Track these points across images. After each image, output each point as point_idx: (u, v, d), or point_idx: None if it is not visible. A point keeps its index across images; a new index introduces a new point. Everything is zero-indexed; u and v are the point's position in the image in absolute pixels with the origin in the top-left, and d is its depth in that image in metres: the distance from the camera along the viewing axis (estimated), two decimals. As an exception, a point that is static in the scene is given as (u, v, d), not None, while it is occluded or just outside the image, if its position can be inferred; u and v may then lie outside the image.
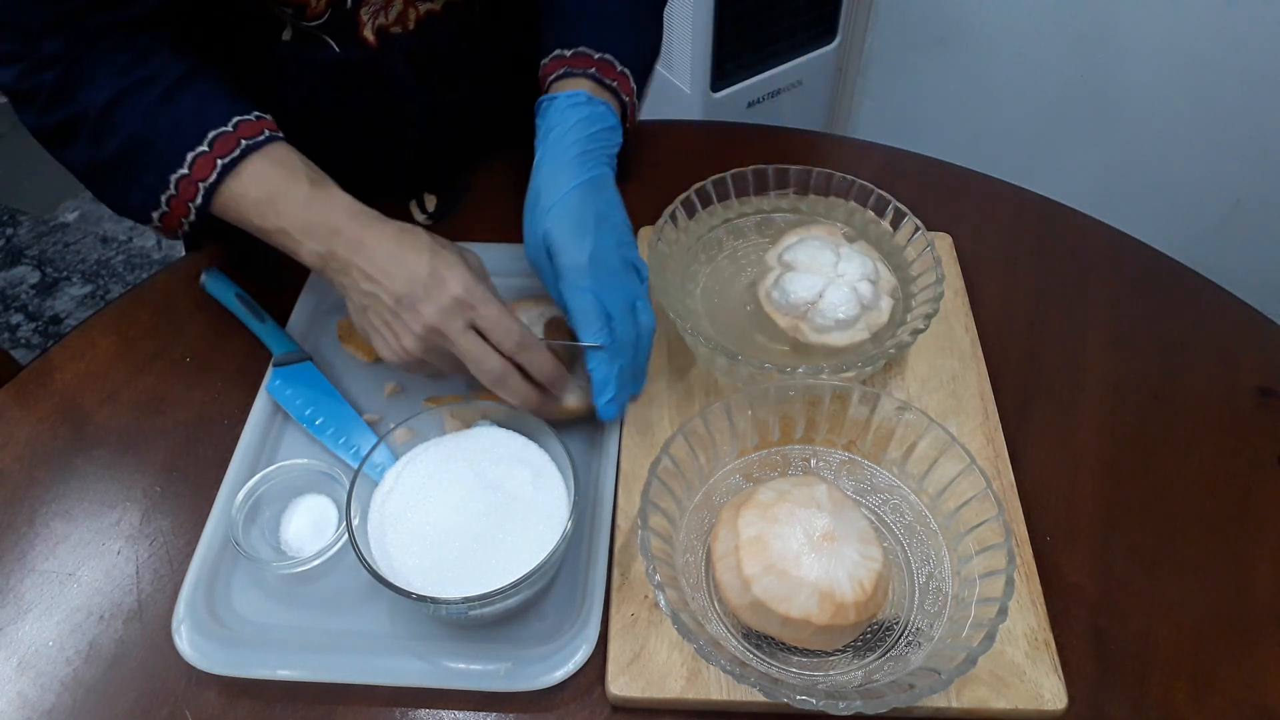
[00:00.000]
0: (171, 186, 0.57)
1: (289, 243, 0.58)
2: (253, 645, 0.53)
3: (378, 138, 0.78)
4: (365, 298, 0.56)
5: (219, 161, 0.56)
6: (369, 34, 0.69)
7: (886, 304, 0.64)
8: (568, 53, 0.66)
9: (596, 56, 0.65)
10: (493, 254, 0.69)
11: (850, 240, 0.68)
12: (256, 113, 0.60)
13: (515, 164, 0.63)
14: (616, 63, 0.66)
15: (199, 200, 0.58)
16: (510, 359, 0.56)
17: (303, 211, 0.57)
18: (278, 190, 0.57)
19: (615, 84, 0.65)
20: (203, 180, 0.57)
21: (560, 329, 0.63)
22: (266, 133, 0.59)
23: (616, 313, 0.58)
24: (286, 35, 0.68)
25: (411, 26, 0.71)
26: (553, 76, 0.66)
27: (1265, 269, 1.47)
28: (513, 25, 0.77)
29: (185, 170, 0.57)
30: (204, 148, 0.57)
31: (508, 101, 0.79)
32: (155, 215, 0.60)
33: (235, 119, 0.58)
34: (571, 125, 0.62)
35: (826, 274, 0.63)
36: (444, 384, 0.65)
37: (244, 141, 0.57)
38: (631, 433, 0.62)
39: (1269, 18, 1.26)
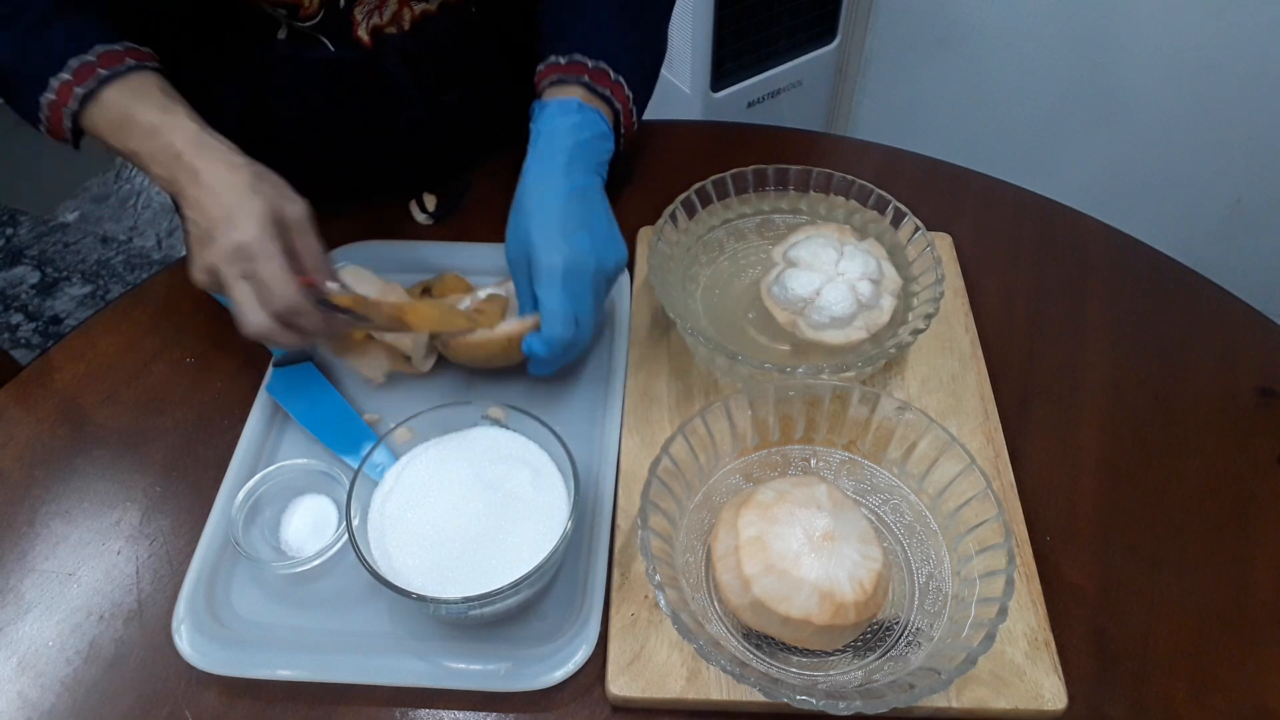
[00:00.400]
0: (43, 108, 0.59)
1: (142, 166, 0.59)
2: (253, 645, 0.53)
3: (375, 138, 0.78)
4: (188, 223, 0.57)
5: (77, 90, 0.58)
6: (363, 34, 0.69)
7: (888, 303, 0.64)
8: (562, 59, 0.66)
9: (590, 64, 0.65)
10: (494, 254, 0.69)
11: (860, 239, 0.68)
12: (127, 44, 0.60)
13: (515, 164, 0.63)
14: (610, 71, 0.66)
15: (67, 123, 0.59)
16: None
17: (148, 137, 0.57)
18: (129, 115, 0.58)
19: (608, 91, 0.65)
20: (66, 106, 0.59)
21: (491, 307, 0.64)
22: (130, 62, 0.59)
23: (584, 317, 0.59)
24: (282, 34, 0.68)
25: (407, 27, 0.71)
26: (546, 82, 0.66)
27: (1265, 269, 1.47)
28: (509, 27, 0.77)
29: (52, 95, 0.59)
30: (66, 75, 0.58)
31: (505, 103, 0.79)
32: (41, 129, 0.62)
33: (99, 48, 0.59)
34: (561, 132, 0.62)
35: (827, 271, 0.63)
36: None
37: (102, 71, 0.58)
38: (631, 433, 0.62)
39: (1269, 18, 1.26)
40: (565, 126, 0.63)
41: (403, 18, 0.70)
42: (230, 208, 0.54)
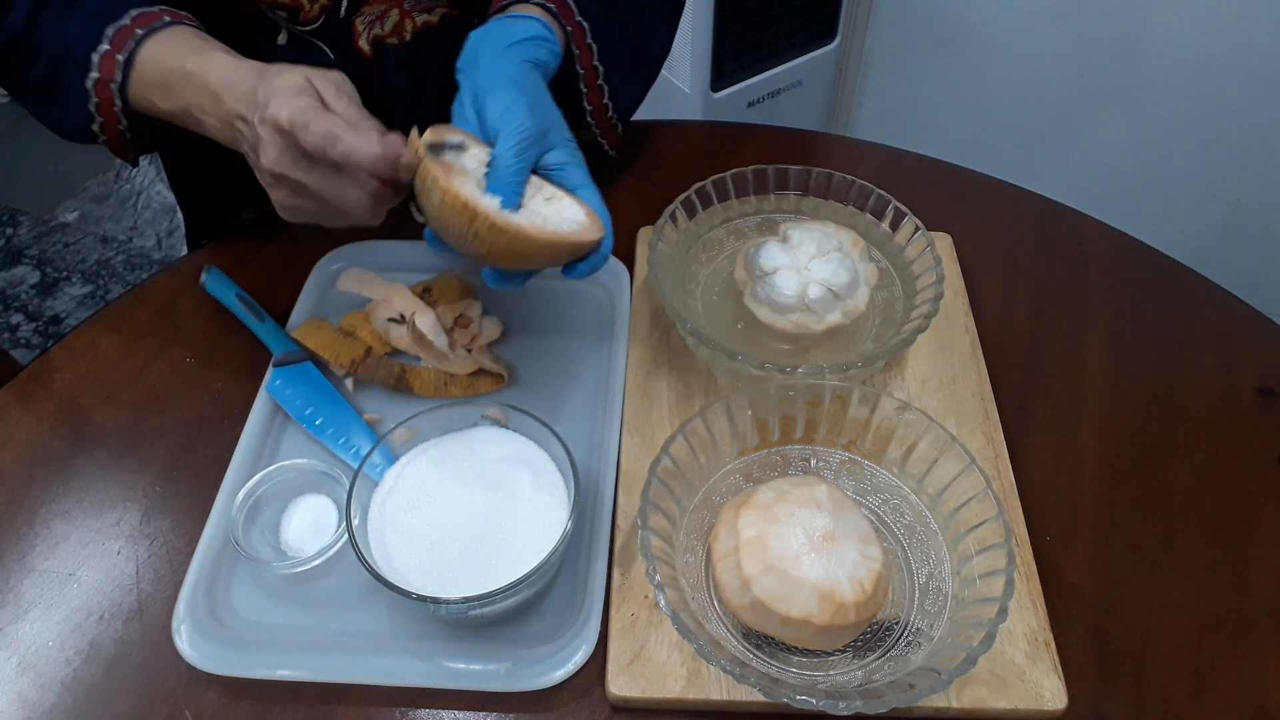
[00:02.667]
0: (91, 93, 0.55)
1: (197, 126, 0.55)
2: (253, 645, 0.53)
3: None
4: (245, 144, 0.54)
5: (119, 58, 0.54)
6: (364, 44, 0.69)
7: (834, 318, 0.63)
8: None
9: None
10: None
11: (862, 259, 0.67)
12: (161, 5, 0.57)
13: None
14: (576, 10, 0.64)
15: (118, 103, 0.56)
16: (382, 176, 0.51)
17: (188, 87, 0.54)
18: (168, 70, 0.55)
19: (554, 7, 0.63)
20: (112, 80, 0.55)
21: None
22: (167, 18, 0.56)
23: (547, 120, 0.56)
24: (282, 40, 0.68)
25: (408, 38, 0.71)
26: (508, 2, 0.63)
27: (1265, 269, 1.47)
28: None
29: (95, 74, 0.55)
30: (105, 45, 0.55)
31: None
32: (95, 129, 0.58)
33: (134, 11, 0.56)
34: (501, 28, 0.61)
35: (797, 259, 0.63)
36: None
37: (139, 31, 0.55)
38: (631, 433, 0.62)
39: (1269, 18, 1.26)
40: (503, 24, 0.60)
41: (404, 29, 0.70)
42: (259, 97, 0.50)
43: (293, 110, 0.49)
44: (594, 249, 0.56)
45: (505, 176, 0.53)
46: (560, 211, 0.55)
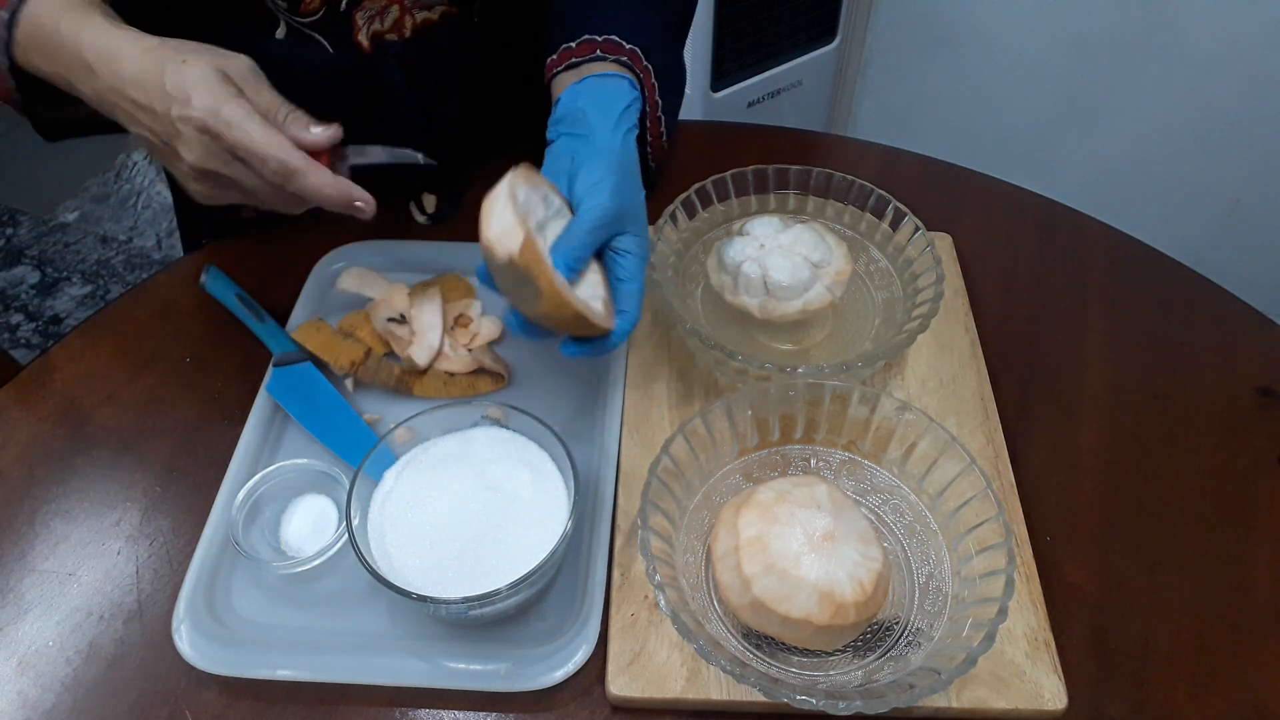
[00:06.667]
0: None
1: (78, 94, 0.53)
2: (253, 645, 0.53)
3: (371, 142, 0.78)
4: (144, 143, 0.53)
5: (2, 14, 0.53)
6: (363, 39, 0.69)
7: (795, 305, 0.63)
8: (599, 38, 0.64)
9: (600, 39, 0.64)
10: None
11: (843, 236, 0.67)
12: None
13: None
14: (624, 41, 0.64)
15: (3, 60, 0.54)
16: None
17: (64, 53, 0.52)
18: (42, 29, 0.53)
19: (627, 59, 0.64)
20: None
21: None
22: None
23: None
24: (280, 33, 0.68)
25: (408, 35, 0.71)
26: (583, 59, 0.64)
27: (1265, 269, 1.47)
28: (511, 40, 0.77)
29: None
30: None
31: (502, 118, 0.79)
32: None
33: None
34: (605, 92, 0.60)
35: (762, 242, 0.64)
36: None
37: None
38: (631, 433, 0.62)
39: (1268, 17, 1.26)
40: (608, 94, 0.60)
41: (404, 25, 0.70)
42: (168, 89, 0.48)
43: (228, 117, 0.48)
44: (600, 336, 0.56)
45: (570, 252, 0.53)
46: (591, 289, 0.56)
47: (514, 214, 0.51)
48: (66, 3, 0.53)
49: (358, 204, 0.51)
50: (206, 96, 0.48)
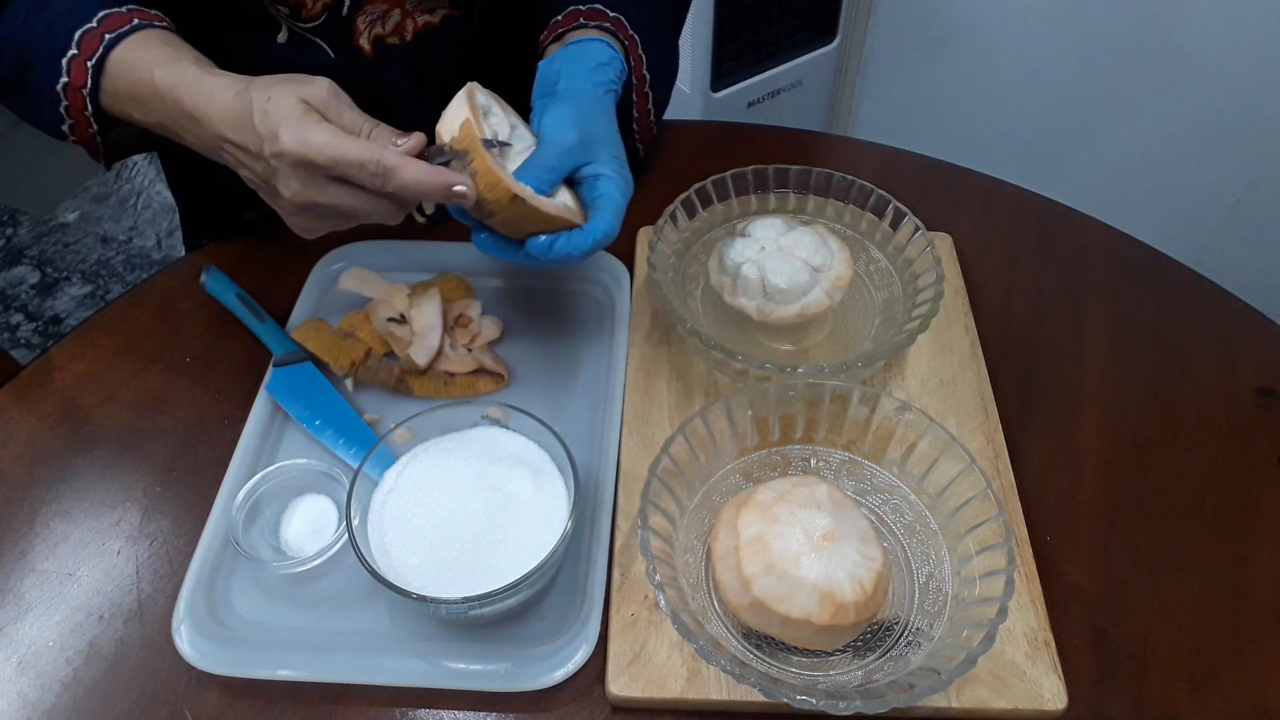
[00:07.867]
0: (62, 96, 0.55)
1: (176, 138, 0.54)
2: (253, 645, 0.53)
3: None
4: (244, 170, 0.53)
5: (89, 64, 0.53)
6: (365, 43, 0.69)
7: (792, 309, 0.63)
8: (582, 7, 0.65)
9: (611, 14, 0.65)
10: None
11: (844, 237, 0.68)
12: (131, 5, 0.55)
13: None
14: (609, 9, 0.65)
15: (89, 108, 0.55)
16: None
17: (161, 101, 0.53)
18: (138, 83, 0.53)
19: (610, 25, 0.65)
20: (83, 87, 0.54)
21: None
22: (136, 21, 0.55)
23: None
24: (282, 38, 0.68)
25: (409, 38, 0.71)
26: (567, 28, 0.64)
27: (1265, 269, 1.47)
28: (512, 44, 0.77)
29: (65, 78, 0.54)
30: (74, 50, 0.53)
31: None
32: (66, 129, 0.57)
33: (102, 13, 0.54)
34: (576, 55, 0.61)
35: (762, 244, 0.64)
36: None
37: (108, 36, 0.53)
38: (631, 433, 0.62)
39: (1269, 18, 1.26)
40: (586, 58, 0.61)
41: (405, 28, 0.70)
42: (258, 129, 0.49)
43: (319, 145, 0.49)
44: (564, 228, 0.55)
45: (531, 174, 0.54)
46: (558, 198, 0.56)
47: (466, 109, 0.52)
48: (160, 55, 0.54)
49: (457, 189, 0.51)
50: (293, 129, 0.49)
